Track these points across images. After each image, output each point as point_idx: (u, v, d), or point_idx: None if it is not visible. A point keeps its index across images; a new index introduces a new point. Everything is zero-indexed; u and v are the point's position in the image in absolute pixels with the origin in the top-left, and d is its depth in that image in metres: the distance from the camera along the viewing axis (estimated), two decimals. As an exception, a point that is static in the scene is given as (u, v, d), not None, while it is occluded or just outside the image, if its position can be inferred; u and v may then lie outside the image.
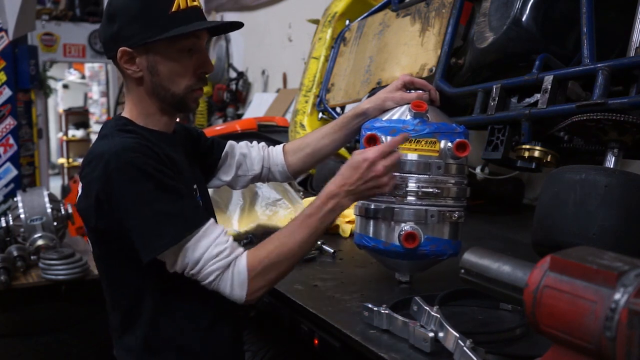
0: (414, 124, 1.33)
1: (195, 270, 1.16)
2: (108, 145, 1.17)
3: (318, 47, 2.96)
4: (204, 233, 1.16)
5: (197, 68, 1.27)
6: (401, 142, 1.28)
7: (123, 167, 1.13)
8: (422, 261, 1.39)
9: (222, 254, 1.16)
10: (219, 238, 1.17)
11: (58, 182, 10.48)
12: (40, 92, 6.81)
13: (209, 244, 1.16)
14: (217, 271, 1.16)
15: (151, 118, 1.29)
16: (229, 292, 1.17)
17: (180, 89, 1.26)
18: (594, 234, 1.20)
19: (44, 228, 2.87)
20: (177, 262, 1.16)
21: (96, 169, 1.15)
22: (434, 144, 1.32)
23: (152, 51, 1.22)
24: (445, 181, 1.34)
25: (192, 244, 1.15)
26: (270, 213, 2.05)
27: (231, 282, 1.17)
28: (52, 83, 8.01)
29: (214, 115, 5.67)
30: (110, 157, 1.14)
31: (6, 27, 5.43)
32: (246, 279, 1.16)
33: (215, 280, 1.17)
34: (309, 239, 1.22)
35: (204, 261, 1.15)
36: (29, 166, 5.94)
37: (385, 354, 1.03)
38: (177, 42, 1.22)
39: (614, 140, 1.39)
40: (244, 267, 1.17)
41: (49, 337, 2.74)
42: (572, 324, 0.65)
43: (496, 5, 1.77)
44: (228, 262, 1.16)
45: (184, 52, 1.24)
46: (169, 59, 1.23)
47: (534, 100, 1.59)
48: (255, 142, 1.62)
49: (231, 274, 1.16)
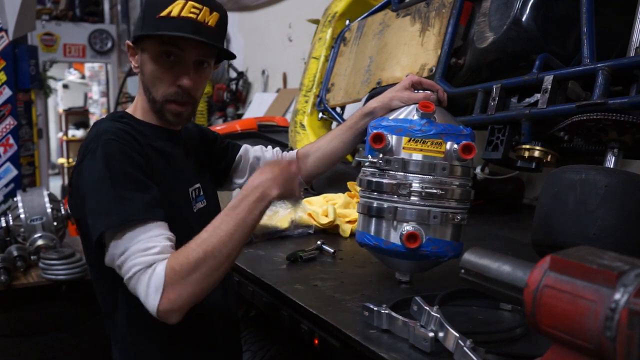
0: (421, 124, 1.33)
1: (120, 262, 1.08)
2: (93, 130, 1.22)
3: (318, 47, 2.96)
4: (146, 227, 1.09)
5: (176, 79, 1.27)
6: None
7: (97, 147, 1.15)
8: (422, 262, 1.39)
9: (149, 250, 1.07)
10: (157, 237, 1.09)
11: (58, 182, 10.48)
12: (40, 92, 6.80)
13: (143, 238, 1.08)
14: (137, 267, 1.06)
15: (148, 113, 1.33)
16: (144, 297, 1.06)
17: (159, 95, 1.28)
18: (594, 234, 1.20)
19: (44, 228, 2.87)
20: (109, 250, 1.10)
21: (79, 153, 1.21)
22: (439, 145, 1.31)
23: (144, 51, 1.28)
24: (449, 183, 1.33)
25: (129, 234, 1.08)
26: (270, 213, 2.05)
27: (147, 285, 1.05)
28: (52, 83, 8.01)
29: (214, 115, 5.67)
30: (91, 139, 1.18)
31: (6, 27, 5.43)
32: (162, 284, 1.04)
33: (133, 277, 1.07)
34: (236, 234, 1.11)
35: (129, 252, 1.07)
36: (29, 166, 5.95)
37: (385, 354, 1.03)
38: (160, 45, 1.25)
39: (614, 140, 1.39)
40: (162, 270, 1.05)
41: (49, 337, 2.74)
42: (572, 324, 0.65)
43: (496, 5, 1.77)
44: (151, 261, 1.06)
45: (164, 58, 1.26)
46: (152, 61, 1.27)
47: (534, 100, 1.59)
48: (270, 146, 1.63)
49: (149, 275, 1.05)
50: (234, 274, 1.66)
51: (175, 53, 1.25)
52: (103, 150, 1.14)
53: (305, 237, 2.00)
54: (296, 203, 1.25)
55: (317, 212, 2.09)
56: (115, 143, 1.15)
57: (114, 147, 1.15)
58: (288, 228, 2.01)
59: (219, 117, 5.54)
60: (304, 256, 1.66)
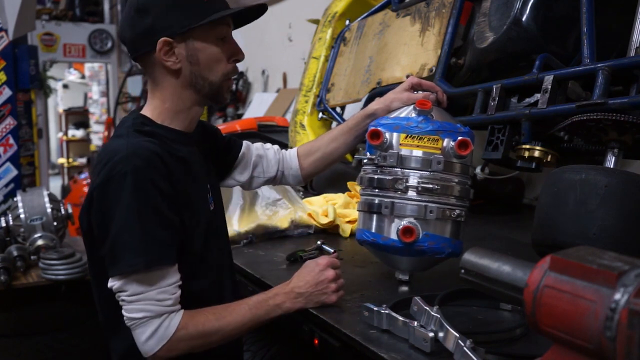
0: (418, 121, 1.34)
1: (130, 299, 1.14)
2: (121, 145, 1.16)
3: (318, 47, 2.96)
4: (164, 273, 1.15)
5: (231, 55, 1.29)
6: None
7: (127, 173, 1.12)
8: (421, 258, 1.39)
9: (165, 301, 1.14)
10: (171, 286, 1.15)
11: (58, 182, 10.48)
12: (40, 92, 6.79)
13: (160, 285, 1.14)
14: (148, 312, 1.13)
15: (179, 115, 1.29)
16: (142, 340, 1.14)
17: (218, 76, 1.27)
18: (594, 234, 1.20)
19: (44, 228, 2.87)
20: (119, 281, 1.14)
21: (105, 167, 1.15)
22: (436, 141, 1.33)
23: (192, 39, 1.23)
24: (446, 179, 1.34)
25: (147, 276, 1.13)
26: (270, 213, 2.05)
27: (152, 332, 1.13)
28: (52, 83, 8.00)
29: (213, 115, 5.66)
30: (119, 160, 1.13)
31: (6, 27, 5.43)
32: (170, 336, 1.14)
33: (139, 320, 1.13)
34: (247, 325, 1.21)
35: (143, 297, 1.13)
36: (29, 166, 5.94)
37: (385, 354, 1.03)
38: (215, 28, 1.24)
39: (614, 140, 1.39)
40: (175, 324, 1.14)
41: (49, 337, 2.74)
42: (572, 324, 0.65)
43: (496, 5, 1.77)
44: (163, 312, 1.14)
45: (220, 39, 1.26)
46: (208, 46, 1.25)
47: (534, 100, 1.59)
48: (269, 144, 1.63)
49: (158, 325, 1.13)
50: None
51: (229, 32, 1.28)
52: (133, 180, 1.12)
53: (305, 237, 2.00)
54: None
55: (317, 212, 2.09)
56: (145, 172, 1.13)
57: (145, 178, 1.13)
58: (288, 228, 2.01)
59: (219, 117, 5.54)
60: (304, 256, 1.66)
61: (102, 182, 1.14)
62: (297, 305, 1.25)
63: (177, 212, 1.19)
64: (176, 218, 1.19)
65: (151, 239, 1.13)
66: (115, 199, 1.13)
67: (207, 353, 1.28)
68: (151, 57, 1.23)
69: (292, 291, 1.25)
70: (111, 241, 1.13)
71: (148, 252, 1.12)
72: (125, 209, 1.12)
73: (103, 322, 1.29)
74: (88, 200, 1.18)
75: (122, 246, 1.12)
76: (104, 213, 1.14)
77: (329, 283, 1.26)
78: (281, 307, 1.24)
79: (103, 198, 1.14)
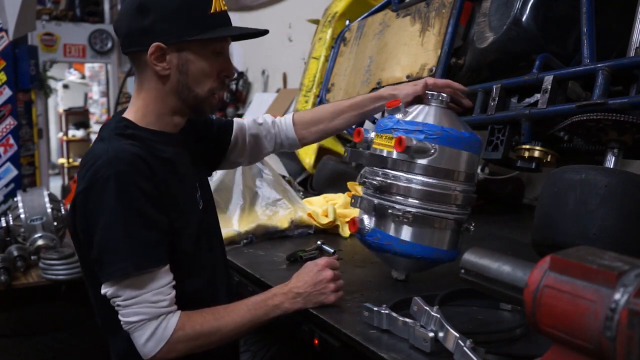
0: (385, 120, 1.40)
1: (125, 304, 1.13)
2: (103, 150, 1.16)
3: (318, 47, 2.96)
4: (155, 275, 1.14)
5: (221, 71, 1.27)
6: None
7: (110, 177, 1.11)
8: (418, 261, 1.37)
9: (160, 303, 1.14)
10: (165, 287, 1.15)
11: (58, 182, 10.48)
12: (41, 92, 6.80)
13: (153, 287, 1.13)
14: (144, 315, 1.13)
15: (162, 118, 1.28)
16: (141, 343, 1.14)
17: (204, 91, 1.25)
18: (594, 234, 1.20)
19: (44, 228, 2.87)
20: (111, 287, 1.13)
21: (87, 172, 1.14)
22: (390, 139, 1.35)
23: (187, 50, 1.21)
24: (397, 177, 1.34)
25: (138, 281, 1.13)
26: (270, 213, 2.05)
27: (150, 334, 1.13)
28: (52, 83, 8.01)
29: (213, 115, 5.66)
30: (102, 164, 1.13)
31: (6, 27, 5.43)
32: (168, 337, 1.14)
33: (136, 323, 1.13)
34: (246, 325, 1.21)
35: (137, 300, 1.13)
36: (29, 166, 5.94)
37: (385, 354, 1.03)
38: (212, 43, 1.23)
39: (614, 140, 1.39)
40: (172, 325, 1.14)
41: (49, 337, 2.74)
42: (572, 324, 0.65)
43: (496, 5, 1.77)
44: (159, 313, 1.14)
45: (216, 54, 1.24)
46: (201, 60, 1.23)
47: (534, 100, 1.59)
48: (262, 117, 1.60)
49: (155, 326, 1.13)
50: (233, 273, 1.66)
51: (225, 48, 1.27)
52: (116, 184, 1.11)
53: (305, 237, 2.00)
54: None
55: (317, 212, 2.09)
56: (128, 175, 1.12)
57: (127, 181, 1.12)
58: (288, 228, 2.01)
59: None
60: (304, 256, 1.66)
61: (85, 187, 1.14)
62: (295, 305, 1.25)
63: (164, 212, 1.18)
64: (163, 219, 1.17)
65: (137, 241, 1.12)
66: (99, 203, 1.12)
67: (203, 354, 1.28)
68: (142, 56, 1.22)
69: (291, 291, 1.25)
70: (98, 246, 1.13)
71: (136, 254, 1.12)
72: (110, 213, 1.11)
73: (101, 323, 1.29)
74: (72, 206, 1.18)
75: (109, 251, 1.12)
76: (88, 218, 1.14)
77: (328, 283, 1.26)
78: (280, 307, 1.24)
79: (87, 203, 1.14)
